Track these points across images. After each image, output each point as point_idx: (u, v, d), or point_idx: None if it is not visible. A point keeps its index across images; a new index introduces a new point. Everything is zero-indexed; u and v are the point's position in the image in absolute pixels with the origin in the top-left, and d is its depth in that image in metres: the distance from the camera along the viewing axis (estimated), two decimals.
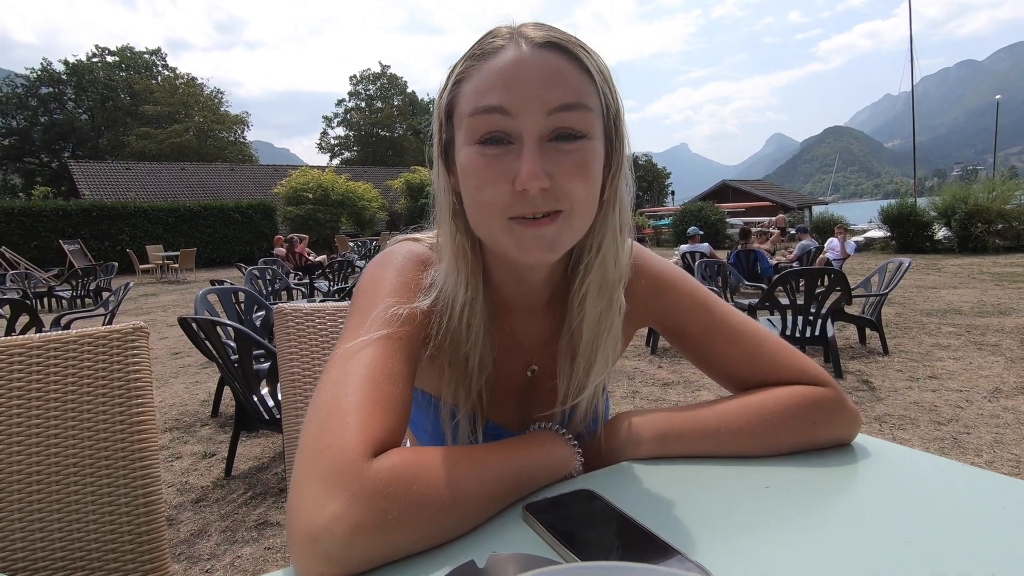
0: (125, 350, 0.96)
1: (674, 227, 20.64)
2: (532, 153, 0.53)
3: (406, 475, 0.48)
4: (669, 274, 0.74)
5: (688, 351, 0.75)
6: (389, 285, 0.63)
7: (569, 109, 0.54)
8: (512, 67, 0.54)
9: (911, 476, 0.61)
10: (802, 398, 0.66)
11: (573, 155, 0.55)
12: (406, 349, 0.59)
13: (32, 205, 16.72)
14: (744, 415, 0.65)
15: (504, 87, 0.54)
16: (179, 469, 2.87)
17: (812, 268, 5.64)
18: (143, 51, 50.59)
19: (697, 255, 8.47)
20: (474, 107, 0.55)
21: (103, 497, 0.93)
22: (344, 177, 21.58)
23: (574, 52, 0.55)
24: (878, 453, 0.67)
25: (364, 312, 0.60)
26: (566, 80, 0.54)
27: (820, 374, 0.70)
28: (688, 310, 0.72)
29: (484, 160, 0.55)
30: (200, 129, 44.76)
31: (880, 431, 3.01)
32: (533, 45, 0.55)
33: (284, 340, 1.11)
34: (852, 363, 4.33)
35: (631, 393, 3.84)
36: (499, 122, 0.54)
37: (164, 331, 6.80)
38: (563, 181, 0.54)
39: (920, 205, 14.42)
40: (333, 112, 57.06)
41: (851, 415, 0.68)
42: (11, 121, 42.94)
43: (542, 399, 0.71)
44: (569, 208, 0.56)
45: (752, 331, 0.71)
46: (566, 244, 0.58)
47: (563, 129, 0.54)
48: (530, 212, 0.55)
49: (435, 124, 0.62)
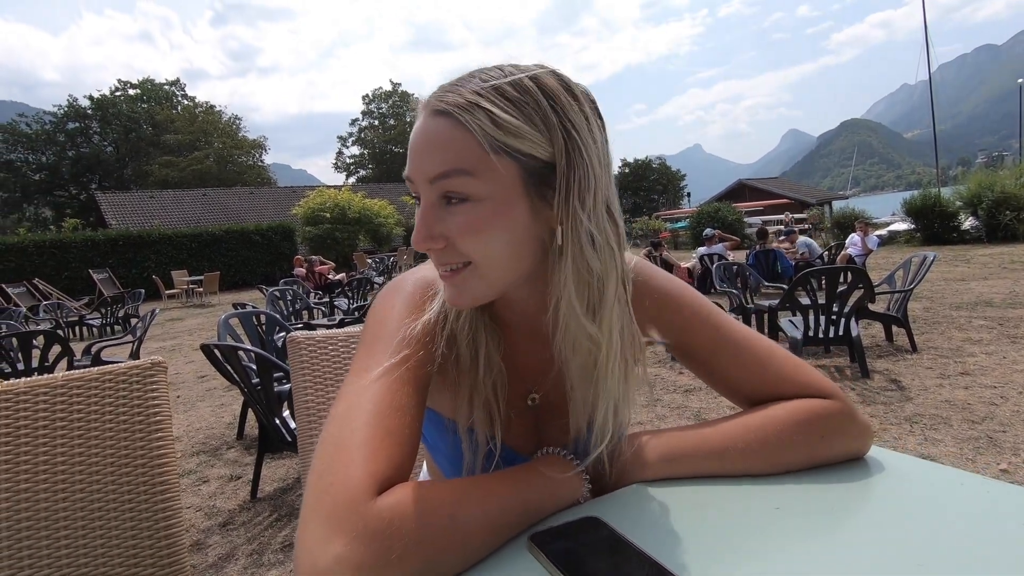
0: (145, 385, 0.99)
1: (691, 229, 20.46)
2: (421, 219, 0.58)
3: (409, 512, 0.48)
4: (674, 290, 0.73)
5: (696, 367, 0.74)
6: (398, 313, 0.64)
7: (445, 177, 0.56)
8: (413, 137, 0.59)
9: (930, 492, 0.60)
10: (809, 412, 0.65)
11: (459, 216, 0.57)
12: (414, 376, 0.59)
13: (62, 237, 17.28)
14: (751, 432, 0.64)
15: (409, 157, 0.59)
16: (206, 493, 2.92)
17: (832, 266, 5.54)
18: (163, 83, 52.21)
19: (715, 257, 8.39)
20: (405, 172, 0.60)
21: (126, 529, 0.95)
22: (360, 195, 21.89)
23: (459, 117, 0.55)
24: (894, 467, 0.65)
25: (373, 343, 0.61)
26: (445, 148, 0.55)
27: (828, 387, 0.69)
28: (694, 326, 0.72)
29: (416, 216, 0.60)
30: (220, 155, 45.88)
31: (911, 432, 2.93)
32: (427, 113, 0.57)
33: (298, 368, 1.12)
34: (879, 362, 4.22)
35: (652, 401, 3.79)
36: (411, 187, 0.60)
37: (190, 355, 6.95)
38: (457, 240, 0.57)
39: (944, 195, 14.07)
40: (347, 132, 58.12)
41: (861, 428, 0.67)
42: (41, 156, 44.55)
43: (551, 428, 0.71)
44: (476, 260, 0.58)
45: (759, 345, 0.71)
46: (480, 293, 0.60)
47: (448, 193, 0.57)
48: (441, 268, 0.60)
49: None
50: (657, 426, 3.36)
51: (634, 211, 45.23)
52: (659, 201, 48.67)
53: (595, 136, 0.58)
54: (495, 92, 0.55)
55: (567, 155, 0.56)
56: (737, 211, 20.78)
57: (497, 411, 0.66)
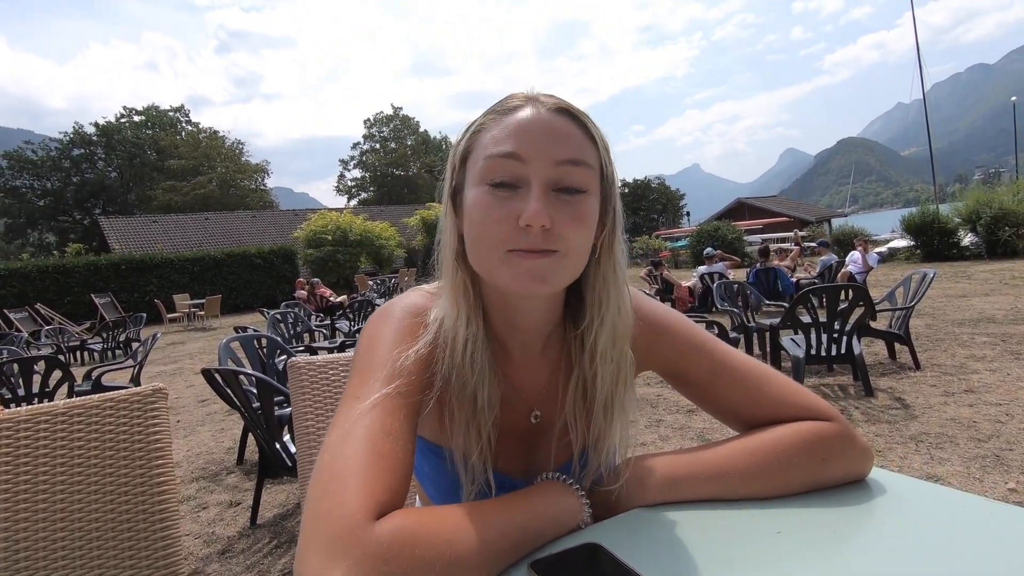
0: (145, 412, 0.99)
1: (691, 248, 20.52)
2: (539, 196, 0.59)
3: (408, 537, 0.48)
4: (666, 318, 0.75)
5: (691, 394, 0.75)
6: (388, 341, 0.64)
7: (574, 164, 0.60)
8: (528, 121, 0.61)
9: (934, 516, 0.59)
10: (809, 434, 0.66)
11: (573, 206, 0.60)
12: (406, 404, 0.59)
13: (65, 262, 17.34)
14: (751, 455, 0.65)
15: (518, 137, 0.60)
16: (206, 519, 2.88)
17: (832, 284, 5.55)
18: (168, 109, 52.98)
19: (716, 276, 8.39)
20: (492, 151, 0.61)
21: (125, 558, 0.94)
22: (362, 217, 22.02)
23: (581, 119, 0.62)
24: (897, 489, 0.65)
25: (365, 371, 0.62)
26: (573, 140, 0.61)
27: (826, 409, 0.69)
28: (687, 353, 0.72)
29: (492, 199, 0.60)
30: (223, 180, 46.30)
31: (917, 451, 2.90)
32: (547, 108, 0.62)
33: (298, 392, 1.13)
34: (883, 380, 4.20)
35: (655, 422, 3.77)
36: (511, 167, 0.60)
37: (191, 379, 6.92)
38: (561, 226, 0.59)
39: (943, 212, 14.13)
40: (349, 155, 58.69)
41: (861, 450, 0.67)
42: (46, 183, 44.98)
43: (547, 448, 0.71)
44: (564, 251, 0.60)
45: (754, 369, 0.71)
46: (557, 282, 0.61)
47: (567, 182, 0.60)
48: (530, 246, 0.59)
49: (448, 169, 0.67)
50: (660, 447, 3.33)
51: (634, 230, 45.43)
52: (659, 220, 48.89)
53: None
54: (588, 114, 0.64)
55: (615, 177, 0.66)
56: (737, 229, 20.86)
57: (490, 439, 0.67)
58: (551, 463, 0.71)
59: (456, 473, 0.67)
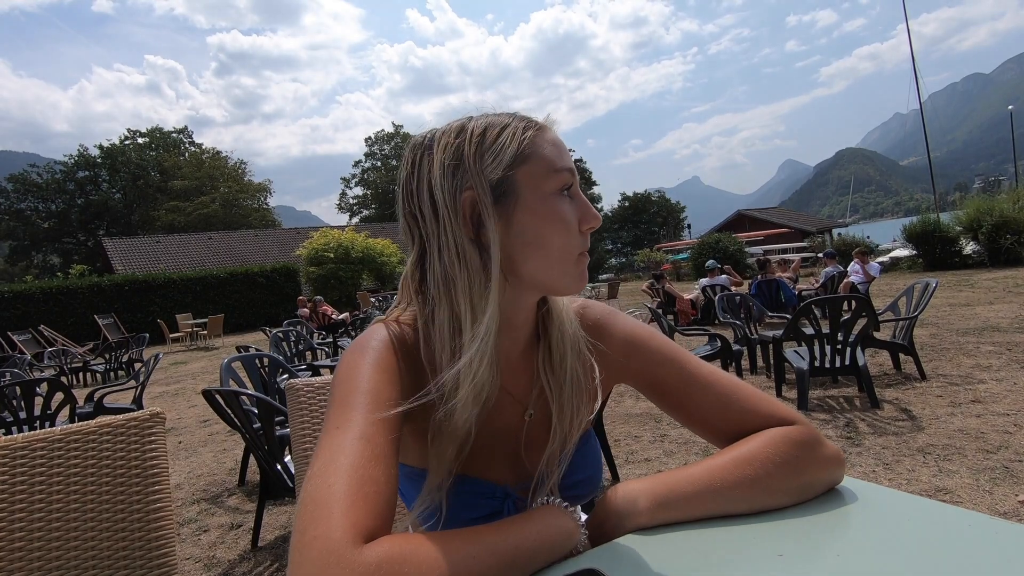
0: (143, 437, 0.98)
1: (692, 260, 20.52)
2: (589, 203, 0.71)
3: (396, 561, 0.47)
4: (640, 332, 0.79)
5: (665, 404, 0.77)
6: (366, 371, 0.63)
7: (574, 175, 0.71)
8: (559, 142, 0.70)
9: (939, 535, 0.58)
10: (781, 438, 0.69)
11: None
12: (388, 430, 0.59)
13: (68, 283, 17.42)
14: (732, 465, 0.66)
15: (563, 153, 0.69)
16: (206, 543, 2.85)
17: (834, 296, 5.53)
18: (171, 130, 53.56)
19: (718, 288, 8.38)
20: (557, 166, 0.68)
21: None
22: (364, 235, 22.11)
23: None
24: (901, 510, 0.64)
25: (344, 401, 0.61)
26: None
27: (791, 414, 0.73)
28: (661, 364, 0.76)
29: (568, 208, 0.68)
30: (225, 199, 46.59)
31: (925, 463, 2.86)
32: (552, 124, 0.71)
33: (296, 415, 1.12)
34: (888, 391, 4.17)
35: (660, 436, 3.74)
36: (570, 178, 0.68)
37: (193, 399, 6.90)
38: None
39: (944, 220, 14.14)
40: (351, 173, 59.10)
41: (832, 451, 0.70)
42: (50, 205, 45.35)
43: (532, 444, 0.74)
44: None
45: (723, 380, 0.75)
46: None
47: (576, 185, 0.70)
48: (586, 248, 0.70)
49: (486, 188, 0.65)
50: (665, 462, 3.30)
51: (635, 243, 45.49)
52: (659, 233, 49.00)
53: None
54: None
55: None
56: (738, 241, 20.88)
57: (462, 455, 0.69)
58: (543, 461, 0.71)
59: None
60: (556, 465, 0.70)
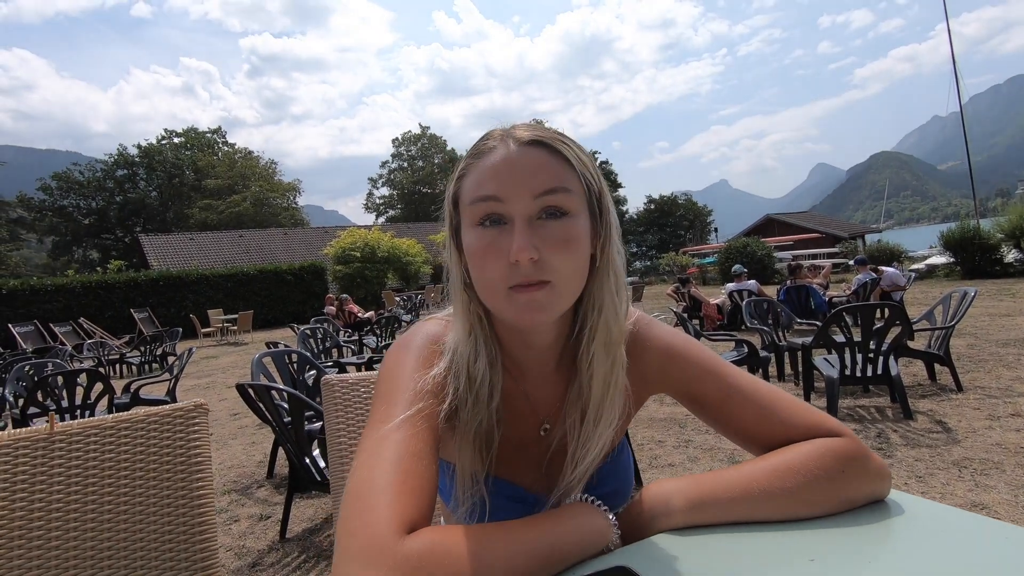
0: (187, 426, 1.03)
1: (719, 264, 20.22)
2: (522, 231, 0.62)
3: (437, 552, 0.50)
4: (678, 343, 0.77)
5: (705, 416, 0.77)
6: (409, 367, 0.68)
7: (551, 193, 0.63)
8: (501, 162, 0.64)
9: (978, 548, 0.58)
10: (825, 450, 0.67)
11: (557, 230, 0.63)
12: (428, 426, 0.63)
13: (107, 278, 18.03)
14: (772, 473, 0.65)
15: (496, 179, 0.64)
16: (237, 532, 2.93)
17: (867, 303, 5.40)
18: (206, 131, 55.04)
19: (744, 293, 8.25)
20: (474, 196, 0.65)
21: (165, 570, 0.97)
22: (389, 234, 22.39)
23: (555, 147, 0.65)
24: (936, 520, 0.63)
25: (388, 396, 0.65)
26: (547, 169, 0.64)
27: (838, 426, 0.71)
28: (700, 376, 0.75)
29: (484, 241, 0.64)
30: (256, 198, 47.63)
31: (960, 477, 2.78)
32: (520, 143, 0.65)
33: (331, 409, 1.15)
34: (922, 402, 4.05)
35: (684, 442, 3.70)
36: (494, 208, 0.64)
37: (223, 392, 7.09)
38: (549, 255, 0.62)
39: (984, 227, 13.65)
40: (378, 173, 59.91)
41: (878, 465, 0.68)
42: (91, 202, 47.04)
43: (559, 457, 0.74)
44: (556, 279, 0.63)
45: (764, 390, 0.73)
46: (556, 309, 0.65)
47: (549, 208, 0.64)
48: (524, 280, 0.62)
49: (446, 211, 0.72)
50: (689, 468, 3.27)
51: (660, 247, 45.01)
52: (686, 236, 48.37)
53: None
54: (564, 134, 0.68)
55: (603, 187, 0.69)
56: (766, 246, 20.51)
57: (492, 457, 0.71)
58: (565, 474, 0.72)
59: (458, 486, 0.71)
60: (578, 483, 0.70)
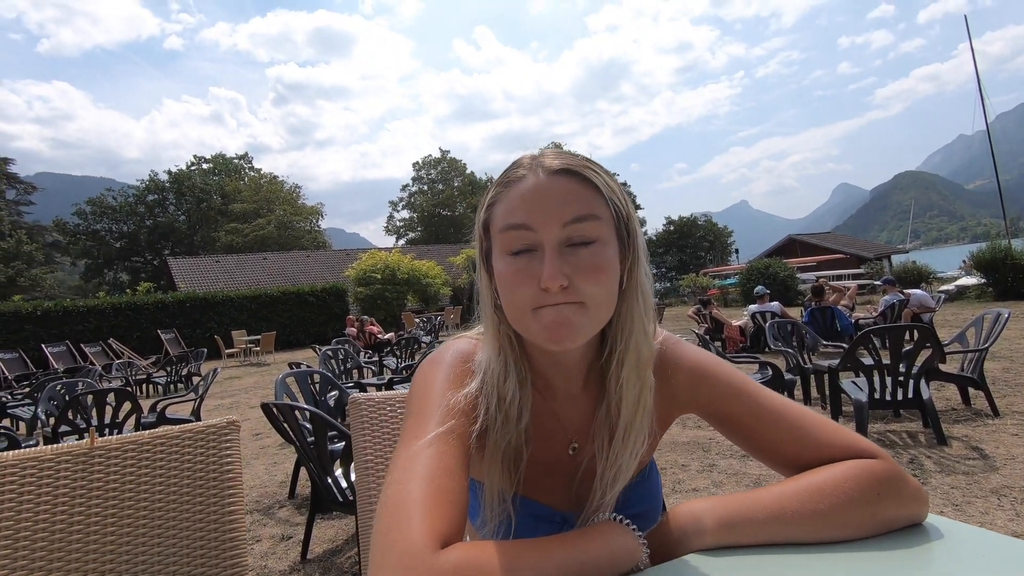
0: (220, 443, 1.05)
1: (741, 286, 19.96)
2: (552, 258, 0.64)
3: (470, 566, 0.50)
4: (708, 362, 0.77)
5: (735, 436, 0.76)
6: (440, 384, 0.70)
7: (581, 220, 0.65)
8: (532, 192, 0.66)
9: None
10: (861, 471, 0.66)
11: (587, 257, 0.65)
12: (459, 443, 0.64)
13: (136, 299, 18.51)
14: (805, 494, 0.64)
15: (526, 208, 0.66)
16: (259, 552, 2.94)
17: (896, 324, 5.28)
18: (233, 157, 56.74)
19: (768, 315, 8.12)
20: (504, 224, 0.67)
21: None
22: (409, 256, 22.64)
23: (583, 174, 0.67)
24: (977, 545, 0.62)
25: (420, 414, 0.67)
26: (576, 198, 0.66)
27: (872, 447, 0.69)
28: (730, 397, 0.74)
29: (514, 267, 0.66)
30: (280, 221, 48.73)
31: (1000, 506, 2.67)
32: (549, 172, 0.67)
33: (358, 428, 1.17)
34: (956, 427, 3.92)
35: (708, 466, 3.63)
36: (524, 236, 0.66)
37: (246, 412, 7.17)
38: (579, 281, 0.64)
39: (1016, 247, 13.29)
40: (398, 197, 60.87)
41: (915, 488, 0.66)
42: (122, 226, 48.65)
43: (588, 477, 0.74)
44: (586, 303, 0.65)
45: (795, 411, 0.72)
46: (587, 331, 0.66)
47: (577, 236, 0.65)
48: (552, 304, 0.64)
49: (476, 236, 0.74)
50: (713, 493, 3.20)
51: (680, 268, 44.66)
52: (706, 258, 47.95)
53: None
54: (591, 160, 0.70)
55: (631, 211, 0.71)
56: (789, 267, 20.21)
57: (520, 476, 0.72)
58: (595, 495, 0.72)
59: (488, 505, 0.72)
60: (607, 503, 0.70)
